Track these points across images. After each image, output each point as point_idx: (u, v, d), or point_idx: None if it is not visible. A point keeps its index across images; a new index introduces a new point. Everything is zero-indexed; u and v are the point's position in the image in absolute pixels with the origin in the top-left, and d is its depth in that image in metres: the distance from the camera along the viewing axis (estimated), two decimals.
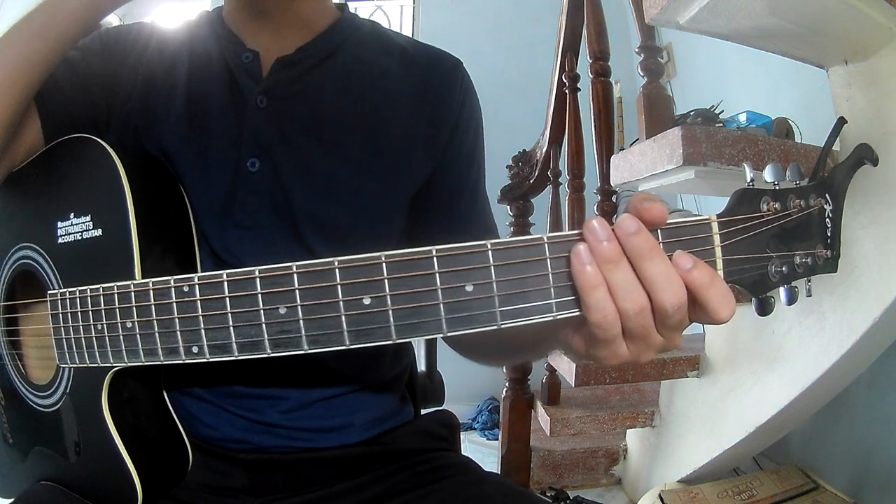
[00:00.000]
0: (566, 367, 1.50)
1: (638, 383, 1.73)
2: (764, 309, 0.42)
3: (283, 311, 0.41)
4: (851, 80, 1.06)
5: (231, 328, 0.43)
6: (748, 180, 0.42)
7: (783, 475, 1.47)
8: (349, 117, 0.65)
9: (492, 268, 0.39)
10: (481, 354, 0.70)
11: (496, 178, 1.80)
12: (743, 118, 1.29)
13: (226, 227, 0.61)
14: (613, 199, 1.57)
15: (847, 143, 0.98)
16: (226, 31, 0.67)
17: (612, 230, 0.38)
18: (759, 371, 1.32)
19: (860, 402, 1.45)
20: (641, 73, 1.32)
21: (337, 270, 0.40)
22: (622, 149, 1.34)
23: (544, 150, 1.93)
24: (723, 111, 1.35)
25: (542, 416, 1.71)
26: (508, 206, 2.00)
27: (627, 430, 1.88)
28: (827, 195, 0.43)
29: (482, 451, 2.49)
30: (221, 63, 0.65)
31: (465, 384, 2.57)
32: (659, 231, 0.40)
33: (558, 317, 0.39)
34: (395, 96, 0.67)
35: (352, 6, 0.74)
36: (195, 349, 0.45)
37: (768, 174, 0.42)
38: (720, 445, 1.41)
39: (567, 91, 1.79)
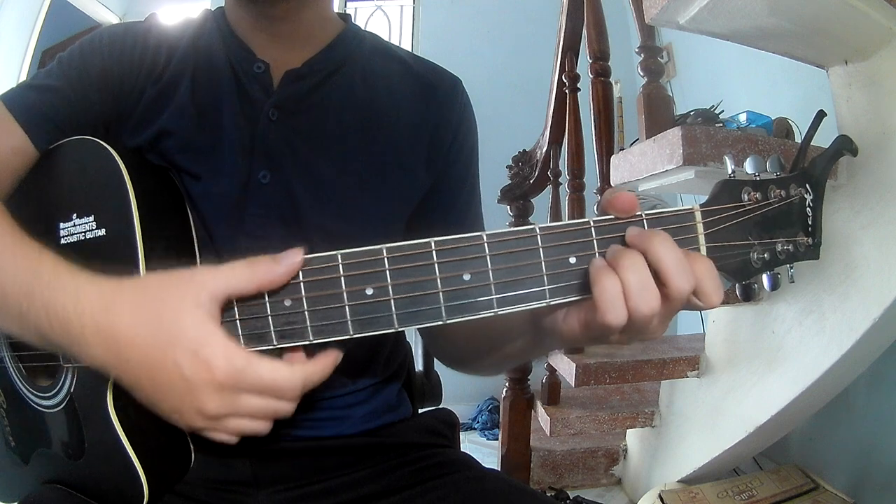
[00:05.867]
0: (566, 367, 1.50)
1: (638, 383, 1.72)
2: (748, 294, 0.44)
3: (287, 303, 0.42)
4: (851, 80, 1.06)
5: (237, 321, 0.43)
6: (729, 172, 0.43)
7: (783, 475, 1.47)
8: (355, 134, 0.66)
9: (487, 257, 0.40)
10: (466, 361, 0.70)
11: (496, 178, 1.81)
12: (743, 118, 1.29)
13: (237, 237, 0.62)
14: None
15: None
16: (234, 38, 0.66)
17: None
18: (759, 371, 1.31)
19: (860, 402, 1.45)
20: (641, 73, 1.32)
21: (340, 264, 0.41)
22: (622, 149, 1.33)
23: (544, 150, 1.93)
24: (723, 111, 1.35)
25: (542, 416, 1.71)
26: (508, 206, 1.99)
27: (627, 430, 1.88)
28: (807, 185, 0.44)
29: (482, 451, 2.48)
30: (229, 70, 0.65)
31: (465, 384, 2.58)
32: (644, 221, 0.41)
33: (551, 303, 0.41)
34: (399, 115, 0.68)
35: (351, 6, 0.74)
36: None
37: (749, 166, 0.44)
38: (720, 445, 1.41)
39: (567, 91, 1.79)
